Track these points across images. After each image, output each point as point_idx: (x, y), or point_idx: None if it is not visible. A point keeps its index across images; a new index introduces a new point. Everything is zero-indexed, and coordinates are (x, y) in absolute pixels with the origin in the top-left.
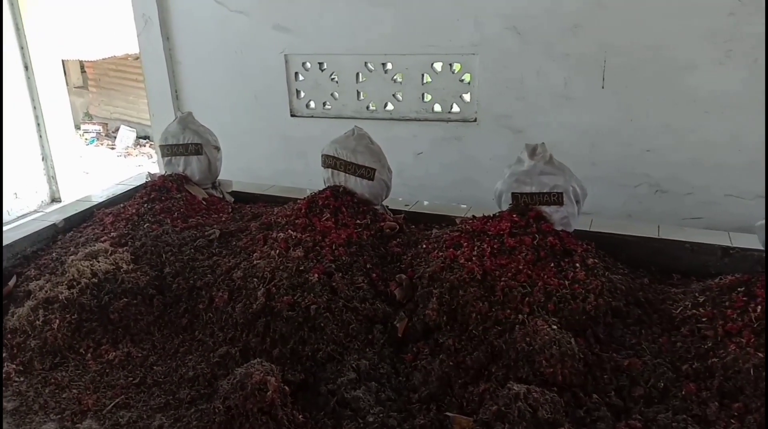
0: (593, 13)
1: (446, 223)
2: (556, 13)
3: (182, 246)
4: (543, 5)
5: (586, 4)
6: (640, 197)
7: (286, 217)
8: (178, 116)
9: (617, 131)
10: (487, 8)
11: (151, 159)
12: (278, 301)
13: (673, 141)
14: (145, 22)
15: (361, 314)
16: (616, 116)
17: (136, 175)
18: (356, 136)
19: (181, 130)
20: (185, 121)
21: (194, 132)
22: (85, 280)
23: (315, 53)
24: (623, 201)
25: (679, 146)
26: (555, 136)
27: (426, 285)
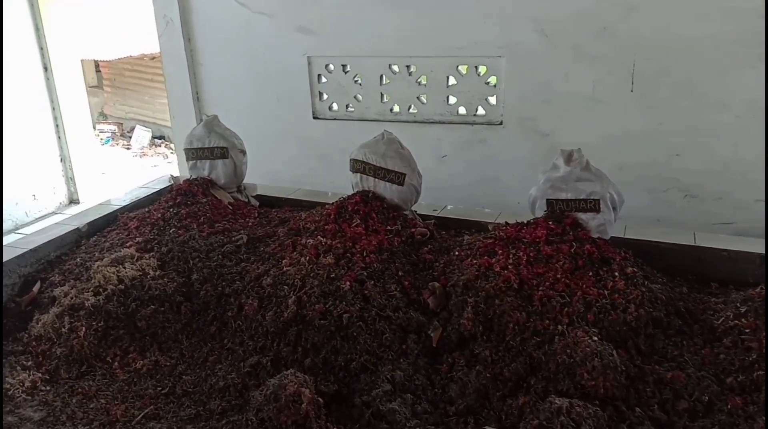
0: (623, 15)
1: (475, 229)
2: (585, 15)
3: (209, 252)
4: (571, 7)
5: (616, 7)
6: (669, 202)
7: (315, 223)
8: (203, 119)
9: (646, 135)
10: (514, 10)
11: (166, 159)
12: (309, 309)
13: (703, 145)
14: (167, 23)
15: (395, 323)
16: (645, 120)
17: (159, 178)
18: (386, 140)
19: (207, 133)
20: (211, 124)
21: (220, 135)
22: (112, 287)
23: (338, 55)
24: (652, 206)
25: (709, 151)
26: (582, 139)
27: (460, 294)
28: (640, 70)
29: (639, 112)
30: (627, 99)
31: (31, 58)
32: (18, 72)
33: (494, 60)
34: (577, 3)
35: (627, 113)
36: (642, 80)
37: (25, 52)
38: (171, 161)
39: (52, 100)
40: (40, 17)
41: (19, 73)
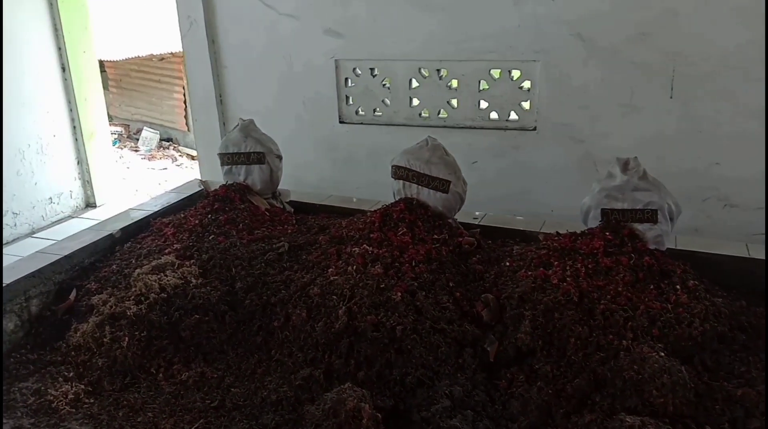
0: (663, 20)
1: (520, 238)
2: (624, 19)
3: (252, 259)
4: (610, 12)
5: (657, 11)
6: (708, 211)
7: (359, 231)
8: (239, 124)
9: (685, 143)
10: (551, 14)
11: (175, 162)
12: (361, 320)
13: (743, 154)
14: (191, 24)
15: (450, 336)
16: (684, 127)
17: (188, 183)
18: (430, 146)
19: (243, 138)
20: (247, 128)
21: (256, 140)
22: (154, 295)
23: (366, 58)
24: (690, 215)
25: (749, 159)
26: (618, 146)
27: (515, 306)
28: (680, 76)
29: (678, 119)
30: (666, 106)
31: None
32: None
33: (529, 64)
34: (616, 7)
35: (665, 120)
36: (682, 87)
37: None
38: (180, 164)
39: (69, 101)
40: (59, 16)
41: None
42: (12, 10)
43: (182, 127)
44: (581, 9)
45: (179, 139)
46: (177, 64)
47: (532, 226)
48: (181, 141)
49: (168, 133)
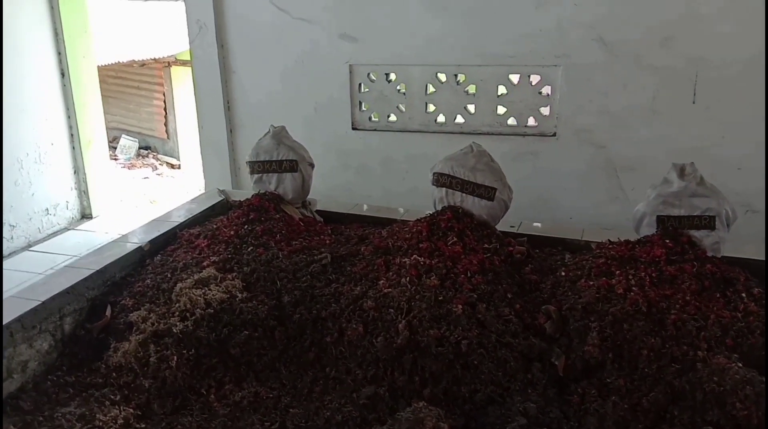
0: (687, 24)
1: (561, 247)
2: (647, 23)
3: (296, 272)
4: (632, 16)
5: (680, 15)
6: None
7: (406, 241)
8: (270, 130)
9: (707, 148)
10: (573, 18)
11: (155, 170)
12: (423, 335)
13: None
14: (200, 28)
15: (516, 350)
16: (707, 132)
17: (209, 193)
18: (476, 153)
19: (275, 145)
20: (279, 135)
21: (289, 148)
22: (200, 311)
23: (382, 63)
24: None
25: None
26: (640, 152)
27: (579, 317)
28: (703, 81)
29: (700, 124)
30: (688, 111)
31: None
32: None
33: (550, 69)
34: (639, 11)
35: (687, 126)
36: (704, 92)
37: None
38: (161, 173)
39: (68, 108)
40: (60, 19)
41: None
42: (12, 12)
43: (162, 135)
44: (604, 12)
45: (158, 147)
46: (158, 70)
47: (572, 233)
48: (161, 149)
49: (146, 141)
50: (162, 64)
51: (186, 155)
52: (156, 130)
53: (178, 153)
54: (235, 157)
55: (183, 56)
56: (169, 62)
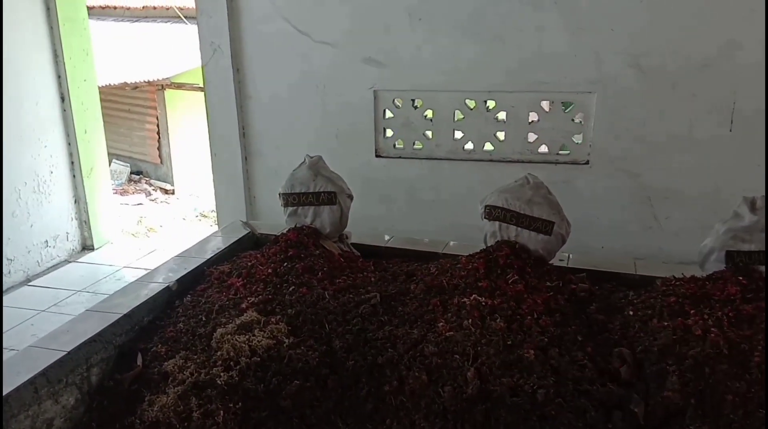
0: (725, 51)
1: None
2: (685, 50)
3: (345, 313)
4: (671, 42)
5: (718, 42)
6: None
7: (462, 279)
8: (306, 161)
9: (742, 177)
10: (610, 44)
11: (149, 196)
12: (495, 384)
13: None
14: (214, 51)
15: (595, 398)
16: (742, 161)
17: (232, 225)
18: (532, 185)
19: (312, 176)
20: (316, 166)
21: (327, 179)
22: (245, 360)
23: (408, 89)
24: None
25: None
26: (675, 180)
27: (656, 360)
28: (740, 108)
29: (736, 152)
30: (725, 139)
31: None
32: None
33: (584, 96)
34: (677, 37)
35: (724, 154)
36: (742, 119)
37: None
38: (155, 199)
39: (68, 134)
40: (60, 41)
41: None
42: (11, 33)
43: (155, 160)
44: (641, 39)
45: (150, 172)
46: (151, 92)
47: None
48: (153, 174)
49: (138, 166)
50: (155, 87)
51: (180, 180)
52: (149, 155)
53: (172, 178)
54: (249, 186)
55: (178, 79)
56: (163, 85)
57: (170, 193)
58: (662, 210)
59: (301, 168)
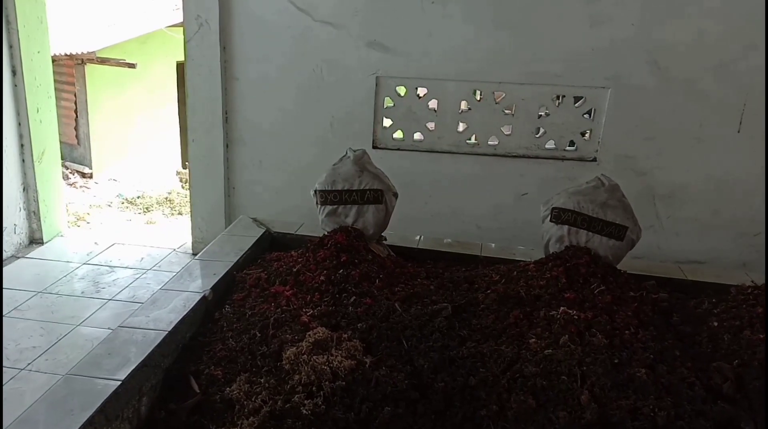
0: (742, 52)
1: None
2: (703, 48)
3: (421, 328)
4: (691, 41)
5: (736, 42)
6: (758, 246)
7: (541, 288)
8: (349, 155)
9: (745, 178)
10: (628, 39)
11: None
12: (612, 407)
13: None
14: (200, 26)
15: (710, 419)
16: (747, 162)
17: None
18: (608, 187)
19: (358, 172)
20: (361, 161)
21: (373, 175)
22: (328, 384)
23: (415, 77)
24: (740, 249)
25: None
26: (680, 180)
27: (757, 375)
28: (751, 110)
29: (742, 153)
30: (733, 140)
31: None
32: None
33: (598, 91)
34: (697, 35)
35: (730, 154)
36: (750, 121)
37: None
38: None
39: (19, 113)
40: (14, 6)
41: None
42: None
43: (71, 140)
44: (662, 36)
45: (66, 154)
46: (69, 67)
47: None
48: (68, 155)
49: None
50: (75, 61)
51: (99, 163)
52: (64, 134)
53: (90, 160)
54: (229, 176)
55: (103, 53)
56: (84, 59)
57: (88, 176)
58: (665, 209)
59: (344, 162)
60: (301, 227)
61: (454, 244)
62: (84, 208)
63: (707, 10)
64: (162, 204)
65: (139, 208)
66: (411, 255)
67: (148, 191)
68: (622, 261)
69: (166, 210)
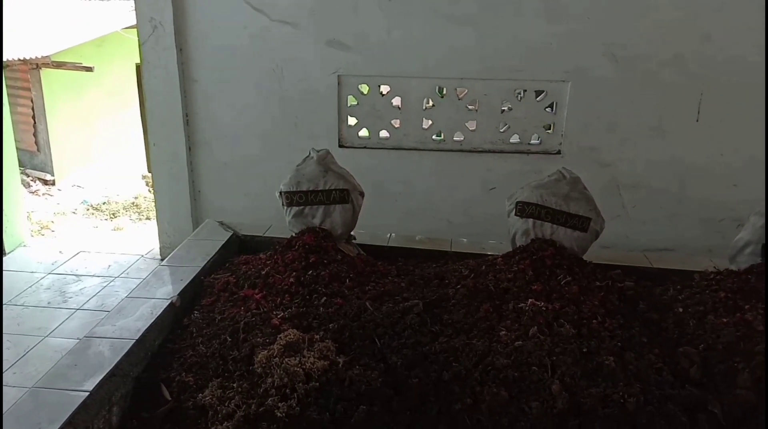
0: (697, 43)
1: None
2: (659, 41)
3: (393, 325)
4: (646, 33)
5: (691, 34)
6: (722, 232)
7: (509, 282)
8: (312, 155)
9: (706, 166)
10: (586, 32)
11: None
12: (583, 395)
13: (760, 175)
14: (154, 28)
15: (679, 402)
16: (707, 151)
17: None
18: (569, 180)
19: (322, 172)
20: (325, 161)
21: (338, 175)
22: (302, 386)
23: (377, 75)
24: (705, 235)
25: None
26: (644, 170)
27: (722, 359)
28: (708, 100)
29: (702, 142)
30: (692, 129)
31: None
32: None
33: (558, 84)
34: (652, 27)
35: (690, 144)
36: (708, 111)
37: None
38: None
39: None
40: None
41: None
42: None
43: (30, 147)
44: (617, 29)
45: (26, 161)
46: (23, 72)
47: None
48: (28, 163)
49: None
50: (29, 66)
51: (61, 169)
52: (22, 141)
53: (51, 167)
54: (194, 179)
55: (59, 57)
56: (38, 64)
57: (50, 183)
58: (630, 199)
59: (307, 163)
60: (269, 229)
61: (424, 240)
62: (48, 217)
63: (662, 2)
64: (129, 209)
65: (105, 215)
66: (382, 253)
67: (113, 197)
68: (589, 251)
69: (133, 215)
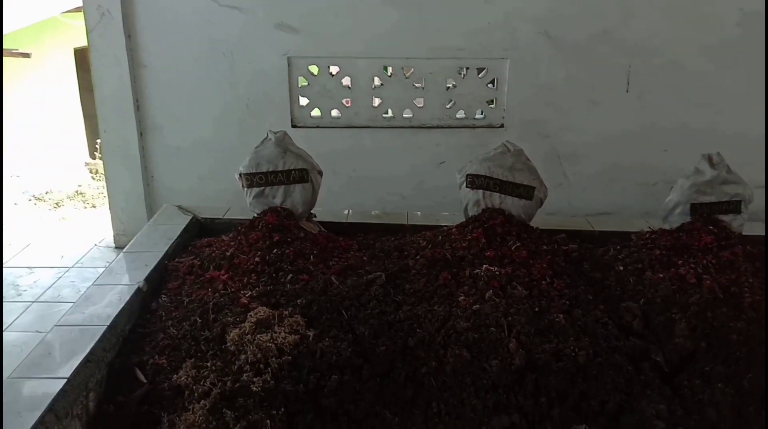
0: (622, 19)
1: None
2: (587, 17)
3: (359, 297)
4: (575, 11)
5: (616, 11)
6: (657, 195)
7: (464, 250)
8: (270, 137)
9: (639, 133)
10: (520, 12)
11: None
12: (537, 352)
13: (688, 140)
14: (102, 15)
15: (625, 353)
16: (638, 119)
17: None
18: (513, 152)
19: (281, 153)
20: (283, 142)
21: (297, 155)
22: (275, 360)
23: (325, 56)
24: (642, 199)
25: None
26: (581, 139)
27: (660, 311)
28: (635, 72)
29: (633, 112)
30: (623, 100)
31: None
32: None
33: (498, 62)
34: (581, 7)
35: (623, 113)
36: (636, 82)
37: None
38: None
39: None
40: None
41: None
42: None
43: None
44: (549, 7)
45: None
46: None
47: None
48: None
49: None
50: None
51: None
52: None
53: None
54: (146, 164)
55: None
56: None
57: None
58: (570, 168)
59: (266, 145)
60: (228, 211)
61: (381, 215)
62: None
63: None
64: (73, 198)
65: (48, 205)
66: (341, 229)
67: (56, 186)
68: (535, 218)
69: (78, 204)
